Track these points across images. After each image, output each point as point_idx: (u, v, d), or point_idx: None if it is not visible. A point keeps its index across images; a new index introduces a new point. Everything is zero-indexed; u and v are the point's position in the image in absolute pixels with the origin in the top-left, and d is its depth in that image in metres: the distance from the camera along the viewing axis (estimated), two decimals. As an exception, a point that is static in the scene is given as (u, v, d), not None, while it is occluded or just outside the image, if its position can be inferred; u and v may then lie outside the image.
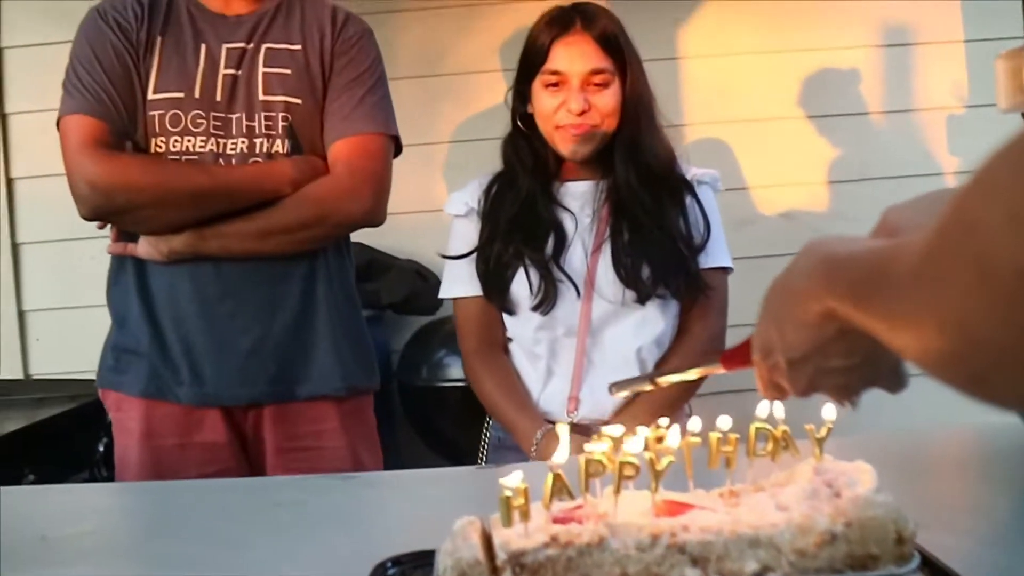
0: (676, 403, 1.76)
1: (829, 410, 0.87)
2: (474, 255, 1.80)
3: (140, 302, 1.71)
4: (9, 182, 3.32)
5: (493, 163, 2.92)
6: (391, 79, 3.18)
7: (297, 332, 1.73)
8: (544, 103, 1.75)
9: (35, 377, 3.28)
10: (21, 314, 3.33)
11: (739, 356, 0.93)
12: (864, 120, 3.15)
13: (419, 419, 2.87)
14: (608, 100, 1.73)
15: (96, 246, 3.25)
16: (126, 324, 1.73)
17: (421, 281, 2.95)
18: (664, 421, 0.83)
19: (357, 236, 2.74)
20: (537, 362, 1.79)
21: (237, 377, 1.70)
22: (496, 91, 3.13)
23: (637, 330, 1.75)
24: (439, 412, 2.78)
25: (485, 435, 1.90)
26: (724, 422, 0.85)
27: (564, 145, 1.75)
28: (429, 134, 3.18)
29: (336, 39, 1.75)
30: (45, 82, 3.28)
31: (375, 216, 1.75)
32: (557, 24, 1.73)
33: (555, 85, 1.73)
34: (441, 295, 1.90)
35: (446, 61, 3.21)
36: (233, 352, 1.69)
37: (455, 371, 2.66)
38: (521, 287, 1.76)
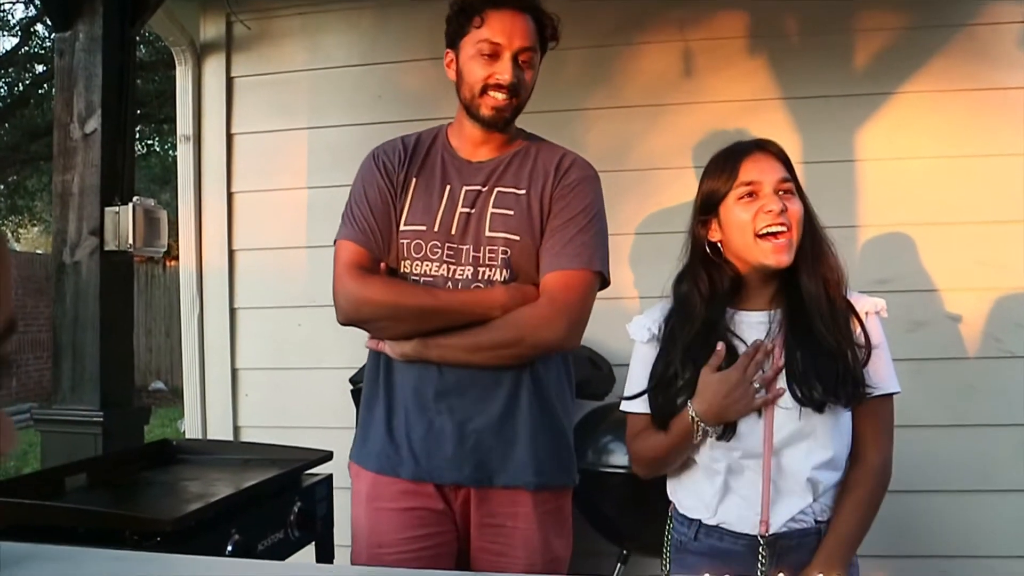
0: (859, 539, 1.80)
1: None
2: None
3: (384, 391, 2.06)
4: (231, 253, 3.72)
5: (674, 255, 3.04)
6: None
7: (499, 431, 1.99)
8: (740, 215, 1.82)
9: (242, 426, 3.67)
10: (234, 372, 3.72)
11: None
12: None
13: (583, 500, 2.87)
14: (797, 207, 1.81)
15: (302, 315, 3.59)
16: (371, 410, 2.09)
17: (594, 368, 3.08)
18: None
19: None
20: (715, 478, 1.84)
21: (445, 464, 2.00)
22: (678, 186, 3.25)
23: (810, 453, 1.78)
24: (602, 495, 2.84)
25: (668, 536, 1.96)
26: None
27: (765, 255, 1.80)
28: (613, 225, 3.24)
29: (557, 184, 2.03)
30: (266, 166, 3.69)
31: (567, 342, 1.98)
32: (742, 147, 1.85)
33: (749, 195, 1.81)
34: (622, 409, 1.97)
35: (632, 156, 3.35)
36: (444, 442, 1.99)
37: (618, 458, 2.76)
38: None
